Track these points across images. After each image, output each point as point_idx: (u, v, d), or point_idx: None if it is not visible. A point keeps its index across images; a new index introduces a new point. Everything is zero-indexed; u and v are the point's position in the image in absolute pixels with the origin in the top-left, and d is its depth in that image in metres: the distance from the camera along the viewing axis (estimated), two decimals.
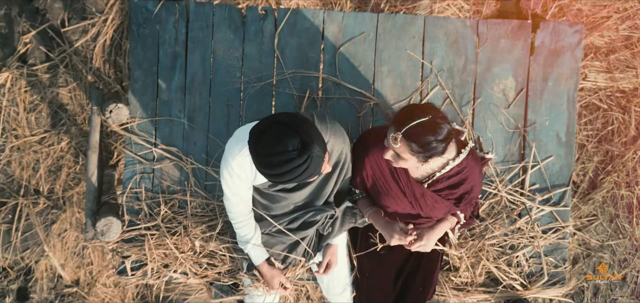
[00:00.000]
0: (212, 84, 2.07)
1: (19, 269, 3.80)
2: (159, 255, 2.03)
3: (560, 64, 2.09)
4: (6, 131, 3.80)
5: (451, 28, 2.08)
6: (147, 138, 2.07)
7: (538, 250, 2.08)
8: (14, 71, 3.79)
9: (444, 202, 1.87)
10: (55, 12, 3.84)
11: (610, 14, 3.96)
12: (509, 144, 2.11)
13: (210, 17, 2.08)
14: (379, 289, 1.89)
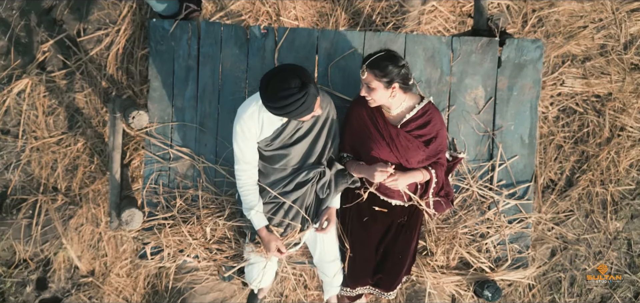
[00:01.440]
0: (221, 93, 2.41)
1: (38, 261, 4.12)
2: (175, 241, 2.36)
3: (523, 76, 2.43)
4: (26, 133, 4.11)
5: (429, 44, 2.41)
6: (164, 141, 2.40)
7: (504, 238, 2.41)
8: (34, 77, 4.10)
9: (415, 142, 2.19)
10: (71, 22, 4.15)
11: (587, 24, 4.27)
12: (479, 146, 2.45)
13: (219, 35, 2.41)
14: (363, 256, 2.22)
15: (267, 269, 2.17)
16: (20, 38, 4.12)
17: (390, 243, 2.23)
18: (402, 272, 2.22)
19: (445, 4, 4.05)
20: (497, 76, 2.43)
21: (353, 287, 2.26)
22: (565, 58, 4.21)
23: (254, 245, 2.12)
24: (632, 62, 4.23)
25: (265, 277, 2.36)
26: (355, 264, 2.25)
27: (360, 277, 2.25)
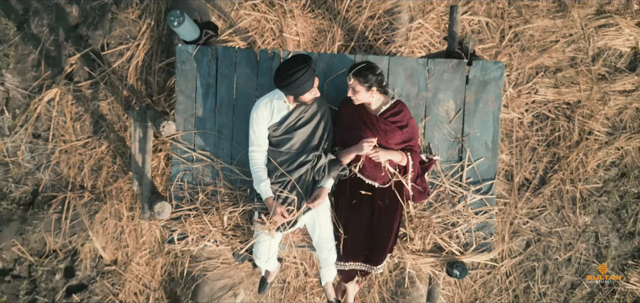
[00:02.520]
0: (235, 106, 2.91)
1: (66, 251, 4.63)
2: (197, 229, 2.86)
3: (487, 91, 2.93)
4: (55, 137, 4.62)
5: (408, 65, 2.92)
6: (188, 145, 2.91)
7: (471, 226, 2.92)
8: (62, 87, 4.62)
9: (391, 126, 2.73)
10: (96, 38, 4.67)
11: (558, 39, 4.78)
12: (451, 149, 2.95)
13: (234, 58, 2.92)
14: (354, 236, 2.73)
15: (273, 244, 2.69)
16: (50, 52, 4.63)
17: (376, 224, 2.75)
18: (386, 248, 2.73)
19: (430, 21, 4.57)
20: (465, 91, 2.94)
21: (346, 261, 2.78)
22: (538, 69, 4.73)
23: (260, 223, 2.63)
24: (599, 73, 4.75)
25: (270, 260, 2.87)
26: (347, 243, 2.76)
27: (351, 253, 2.76)
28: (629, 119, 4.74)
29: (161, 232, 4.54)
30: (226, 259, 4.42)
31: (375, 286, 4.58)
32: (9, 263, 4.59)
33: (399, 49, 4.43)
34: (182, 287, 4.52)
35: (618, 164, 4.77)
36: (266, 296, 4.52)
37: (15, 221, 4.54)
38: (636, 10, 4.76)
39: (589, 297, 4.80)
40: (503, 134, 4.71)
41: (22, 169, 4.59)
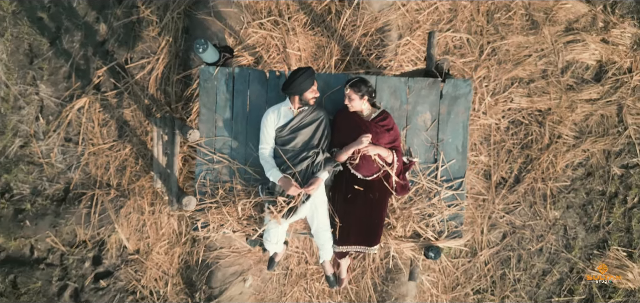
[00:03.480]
0: (248, 117, 3.55)
1: (94, 242, 5.28)
2: (217, 218, 3.50)
3: (458, 105, 3.57)
4: (85, 141, 5.27)
5: (392, 83, 3.57)
6: (210, 150, 3.55)
7: (444, 217, 3.56)
8: (91, 96, 5.27)
9: (381, 128, 3.37)
10: (120, 52, 5.32)
11: (531, 53, 5.43)
12: (428, 153, 3.59)
13: (247, 77, 3.56)
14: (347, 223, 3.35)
15: (281, 230, 3.34)
16: (80, 65, 5.29)
17: (368, 213, 3.39)
18: (379, 232, 3.37)
19: (417, 38, 5.22)
20: (439, 104, 3.59)
21: (340, 244, 3.42)
22: (513, 80, 5.38)
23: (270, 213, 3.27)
24: (567, 84, 5.40)
25: (278, 243, 3.52)
26: (342, 230, 3.41)
27: (345, 238, 3.39)
28: (594, 124, 5.40)
29: (178, 225, 5.20)
30: (236, 249, 5.07)
31: (368, 273, 5.24)
32: (43, 252, 5.24)
33: (389, 63, 5.08)
34: (197, 273, 5.18)
35: (584, 165, 5.43)
36: (272, 281, 5.18)
37: (49, 216, 5.20)
38: (601, 28, 5.41)
39: (558, 283, 5.46)
40: (482, 137, 5.37)
41: (55, 169, 5.25)
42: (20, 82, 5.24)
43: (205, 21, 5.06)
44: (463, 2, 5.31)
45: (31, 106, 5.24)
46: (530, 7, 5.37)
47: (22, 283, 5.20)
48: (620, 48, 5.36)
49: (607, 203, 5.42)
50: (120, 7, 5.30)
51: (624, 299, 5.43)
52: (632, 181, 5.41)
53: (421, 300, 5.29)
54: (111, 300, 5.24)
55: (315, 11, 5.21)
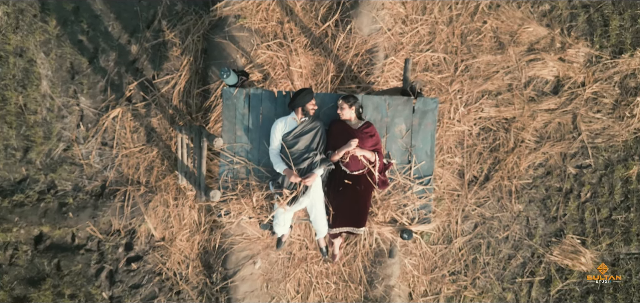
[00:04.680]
0: (261, 127, 4.58)
1: (127, 231, 6.33)
2: (237, 207, 4.53)
3: (426, 118, 4.60)
4: (118, 145, 6.32)
5: (374, 100, 4.59)
6: (231, 153, 4.59)
7: (415, 206, 4.59)
8: (123, 107, 6.31)
9: (366, 135, 4.34)
10: (149, 69, 6.37)
11: (498, 70, 6.47)
12: (403, 156, 4.62)
13: (260, 96, 4.59)
14: (339, 210, 4.37)
15: (288, 215, 4.37)
16: (114, 80, 6.33)
17: (356, 201, 4.41)
18: (364, 217, 4.37)
19: (400, 58, 6.26)
20: (412, 117, 4.63)
21: (333, 227, 4.44)
22: (483, 93, 6.42)
23: (278, 202, 4.30)
24: (529, 96, 6.44)
25: (285, 227, 4.56)
26: (335, 215, 4.43)
27: (337, 222, 4.40)
28: (552, 130, 6.44)
29: (198, 216, 6.25)
30: (247, 236, 6.12)
31: (359, 257, 6.29)
32: (83, 240, 6.30)
33: (377, 79, 6.13)
34: (214, 257, 6.23)
35: (544, 165, 6.48)
36: (277, 264, 6.24)
37: (89, 209, 6.25)
38: (558, 48, 6.46)
39: (522, 266, 6.51)
40: (456, 142, 6.42)
41: (93, 169, 6.30)
42: (63, 95, 6.29)
43: (221, 44, 6.11)
44: (440, 26, 6.36)
45: (73, 115, 6.30)
46: (497, 31, 6.42)
47: (64, 266, 6.25)
48: (574, 65, 6.41)
49: (564, 198, 6.48)
50: (149, 31, 6.35)
51: (578, 279, 6.48)
52: (585, 179, 6.46)
53: (404, 280, 6.35)
54: (141, 281, 6.29)
55: (314, 34, 6.26)
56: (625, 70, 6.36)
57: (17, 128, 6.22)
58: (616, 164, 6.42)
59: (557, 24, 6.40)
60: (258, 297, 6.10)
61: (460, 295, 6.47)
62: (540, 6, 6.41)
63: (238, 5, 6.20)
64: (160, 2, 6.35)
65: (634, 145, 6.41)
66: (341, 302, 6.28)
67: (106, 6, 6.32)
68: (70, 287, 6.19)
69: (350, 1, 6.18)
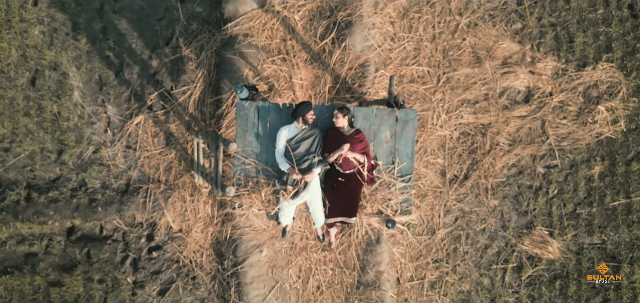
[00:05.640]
0: (268, 134, 5.57)
1: (148, 223, 7.32)
2: (248, 201, 5.51)
3: (408, 126, 5.57)
4: (141, 148, 7.32)
5: (364, 111, 5.56)
6: (244, 156, 5.59)
7: (398, 200, 5.58)
8: (145, 114, 7.31)
9: (356, 140, 5.26)
10: (168, 81, 7.37)
11: (476, 81, 7.46)
12: (388, 158, 5.59)
13: (268, 108, 5.58)
14: (333, 203, 5.35)
15: (291, 207, 5.37)
16: (137, 91, 7.33)
17: (347, 196, 5.38)
18: (355, 209, 5.32)
19: (389, 71, 7.26)
20: (395, 125, 5.62)
21: (329, 217, 5.43)
22: (463, 102, 7.41)
23: (283, 197, 5.29)
24: (503, 104, 7.43)
25: (288, 217, 5.55)
26: (330, 208, 5.41)
27: (332, 213, 5.37)
28: (524, 134, 7.44)
29: (211, 210, 7.25)
30: (255, 228, 7.12)
31: (353, 246, 7.28)
32: (110, 231, 7.29)
33: (368, 90, 7.13)
34: (225, 246, 7.23)
35: (516, 165, 7.47)
36: (281, 252, 7.23)
37: (115, 204, 7.25)
38: (529, 62, 7.45)
39: (496, 255, 7.50)
40: (439, 145, 7.42)
41: (119, 169, 7.30)
42: (92, 104, 7.29)
43: (231, 59, 7.11)
44: (424, 43, 7.36)
45: (101, 122, 7.30)
46: (475, 47, 7.42)
47: (94, 254, 7.25)
48: (543, 77, 7.40)
49: (534, 194, 7.48)
50: (168, 47, 7.35)
51: (546, 266, 7.49)
52: (552, 178, 7.46)
53: (393, 267, 7.36)
54: (160, 268, 7.30)
55: (313, 50, 7.26)
56: (588, 81, 7.36)
57: (52, 133, 7.22)
58: (580, 164, 7.42)
59: (527, 40, 7.40)
60: (264, 281, 7.11)
61: (442, 280, 7.47)
62: (513, 25, 7.41)
63: (246, 25, 7.20)
64: (178, 22, 7.35)
65: (596, 148, 7.41)
66: (337, 285, 7.29)
67: (130, 26, 7.33)
68: (98, 273, 7.19)
69: (345, 21, 7.18)
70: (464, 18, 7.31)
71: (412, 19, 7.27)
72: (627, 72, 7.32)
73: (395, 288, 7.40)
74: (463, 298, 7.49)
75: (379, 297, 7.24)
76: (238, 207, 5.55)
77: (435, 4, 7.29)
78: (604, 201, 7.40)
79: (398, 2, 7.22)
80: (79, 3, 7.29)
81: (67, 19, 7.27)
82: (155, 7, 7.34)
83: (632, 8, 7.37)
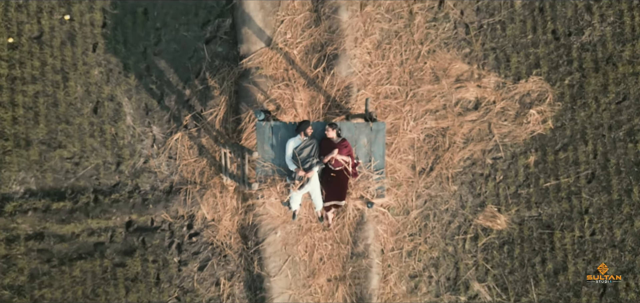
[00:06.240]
0: (280, 144, 7.83)
1: (188, 215, 9.63)
2: (268, 193, 7.77)
3: (379, 134, 7.80)
4: (180, 157, 9.64)
5: (349, 126, 7.81)
6: (263, 161, 7.89)
7: (374, 187, 7.85)
8: (182, 132, 9.63)
9: (342, 146, 7.42)
10: (198, 105, 9.70)
11: (436, 94, 9.77)
12: (366, 158, 7.87)
13: (279, 126, 7.85)
14: (329, 191, 7.57)
15: (298, 196, 7.66)
16: (175, 114, 9.65)
17: (337, 186, 7.64)
18: (344, 195, 7.54)
19: (368, 90, 9.57)
20: (370, 134, 7.93)
21: (325, 202, 7.69)
22: (426, 111, 9.72)
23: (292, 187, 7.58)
24: (458, 111, 9.73)
25: (297, 203, 7.86)
26: (326, 195, 7.67)
27: (328, 198, 7.56)
28: (475, 134, 9.74)
29: (237, 203, 9.58)
30: (271, 215, 9.44)
31: (346, 226, 9.61)
32: (159, 223, 9.61)
33: (353, 105, 9.45)
34: (248, 230, 9.54)
35: (470, 158, 9.78)
36: (291, 233, 9.56)
37: (162, 201, 9.57)
38: (476, 78, 9.76)
39: (458, 228, 9.80)
40: (409, 145, 9.74)
41: (163, 174, 9.63)
42: (141, 125, 9.61)
43: (247, 87, 9.44)
44: (395, 67, 9.68)
45: (148, 139, 9.62)
46: (434, 68, 9.74)
47: (147, 241, 9.58)
48: (488, 89, 9.72)
49: (484, 180, 9.79)
50: (197, 79, 9.67)
51: (496, 235, 9.81)
52: (498, 166, 9.77)
53: (377, 241, 9.69)
54: (199, 249, 9.63)
55: (309, 77, 9.58)
56: (523, 91, 9.68)
57: (111, 149, 9.55)
58: (519, 155, 9.75)
59: (474, 61, 9.73)
60: (279, 255, 9.46)
61: (416, 249, 9.79)
62: (463, 50, 9.74)
63: (257, 59, 9.52)
64: (204, 59, 9.68)
65: (531, 142, 9.73)
66: (335, 257, 9.63)
67: (167, 64, 9.66)
68: (152, 255, 9.53)
69: (332, 54, 9.51)
70: (425, 46, 9.64)
71: (384, 49, 9.60)
72: (552, 82, 9.66)
73: (380, 257, 9.73)
74: (433, 263, 9.82)
75: (367, 264, 9.58)
76: (261, 197, 7.90)
77: (402, 36, 9.62)
78: (539, 183, 9.72)
79: (373, 37, 9.56)
80: (127, 48, 9.62)
81: (119, 61, 9.60)
82: (186, 49, 9.67)
83: (554, 32, 9.70)
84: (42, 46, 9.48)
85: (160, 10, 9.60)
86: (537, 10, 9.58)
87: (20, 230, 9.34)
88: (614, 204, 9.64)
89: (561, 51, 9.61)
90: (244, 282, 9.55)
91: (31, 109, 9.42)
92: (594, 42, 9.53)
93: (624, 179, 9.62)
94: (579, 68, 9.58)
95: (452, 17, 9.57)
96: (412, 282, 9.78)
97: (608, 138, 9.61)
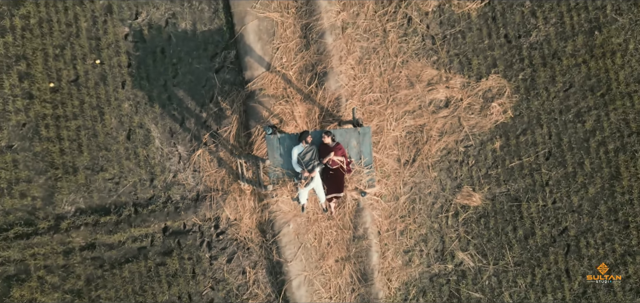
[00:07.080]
0: (286, 152, 9.87)
1: (214, 217, 11.70)
2: (280, 192, 9.78)
3: (366, 137, 9.80)
4: (202, 170, 11.74)
5: (341, 132, 9.79)
6: (274, 167, 9.98)
7: (366, 180, 9.90)
8: (203, 148, 11.73)
9: (337, 148, 9.27)
10: (213, 124, 11.81)
11: (412, 97, 11.88)
12: (357, 157, 9.91)
13: (285, 137, 9.90)
14: (329, 186, 9.53)
15: (305, 192, 9.72)
16: (195, 134, 11.74)
17: (335, 181, 9.67)
18: (342, 187, 9.54)
19: (355, 99, 11.68)
20: (359, 137, 10.01)
21: (327, 194, 9.71)
22: (405, 112, 11.83)
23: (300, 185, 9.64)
24: (431, 110, 11.81)
25: (304, 198, 9.94)
26: (328, 189, 9.67)
27: (329, 192, 9.46)
28: (448, 128, 11.84)
29: (254, 204, 11.69)
30: (283, 211, 11.53)
31: (347, 214, 11.71)
32: (190, 226, 11.70)
33: (342, 113, 11.56)
34: (265, 225, 11.65)
35: (446, 148, 11.87)
36: (301, 225, 11.67)
37: (191, 208, 11.68)
38: (444, 81, 11.87)
39: (440, 208, 11.90)
40: (394, 142, 11.84)
41: (190, 185, 11.74)
42: (168, 146, 11.72)
43: (253, 106, 11.56)
44: (375, 78, 11.78)
45: (175, 157, 11.74)
46: (408, 75, 11.85)
47: (182, 242, 11.68)
48: (455, 89, 11.83)
49: (459, 165, 11.89)
50: (211, 103, 11.79)
51: (473, 211, 11.92)
52: (470, 153, 11.86)
53: (374, 224, 11.80)
54: (225, 245, 11.74)
55: (304, 92, 11.69)
56: (485, 88, 11.80)
57: (145, 168, 11.67)
58: (486, 142, 11.86)
59: (442, 66, 11.85)
60: (293, 244, 11.58)
61: (407, 229, 11.91)
62: (431, 58, 11.85)
63: (260, 82, 11.64)
64: (216, 86, 11.80)
65: (495, 130, 11.83)
66: (340, 241, 11.75)
67: (185, 93, 11.78)
68: (187, 253, 11.65)
69: (322, 71, 11.62)
70: (399, 58, 11.77)
71: (365, 63, 11.72)
72: (509, 78, 11.78)
73: (378, 238, 11.84)
74: (422, 239, 11.94)
75: (367, 245, 11.71)
76: (274, 197, 10.04)
77: (379, 51, 11.75)
78: (505, 164, 11.84)
79: (355, 54, 11.69)
80: (151, 83, 11.74)
81: (144, 94, 11.72)
82: (199, 79, 11.79)
83: (506, 36, 11.82)
84: (79, 87, 11.57)
85: (175, 48, 11.70)
86: (491, 19, 11.70)
87: (74, 243, 11.46)
88: (570, 175, 11.74)
89: (514, 51, 11.72)
90: (265, 269, 11.67)
91: (75, 141, 11.52)
92: (540, 41, 11.65)
93: (576, 154, 11.73)
94: (529, 64, 11.69)
95: (420, 31, 11.69)
96: (407, 256, 11.88)
97: (560, 121, 11.72)
